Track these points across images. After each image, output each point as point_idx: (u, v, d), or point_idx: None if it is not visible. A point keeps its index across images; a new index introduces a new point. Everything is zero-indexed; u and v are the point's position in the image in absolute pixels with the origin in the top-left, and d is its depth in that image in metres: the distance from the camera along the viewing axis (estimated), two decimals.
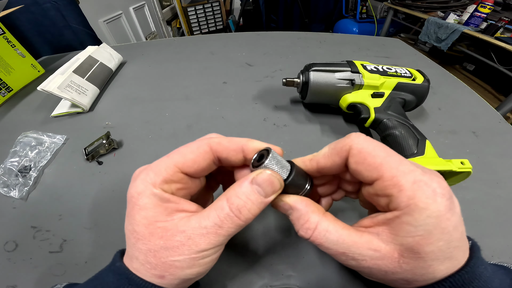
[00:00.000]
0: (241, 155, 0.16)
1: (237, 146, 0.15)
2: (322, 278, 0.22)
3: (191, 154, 0.15)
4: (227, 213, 0.14)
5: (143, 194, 0.14)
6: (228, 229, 0.14)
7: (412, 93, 0.33)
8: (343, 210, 0.26)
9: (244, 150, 0.15)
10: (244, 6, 1.94)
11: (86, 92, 0.41)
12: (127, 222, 0.15)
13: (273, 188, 0.14)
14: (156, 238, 0.14)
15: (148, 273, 0.14)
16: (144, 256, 0.14)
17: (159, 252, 0.13)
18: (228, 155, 0.15)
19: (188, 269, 0.14)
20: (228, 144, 0.15)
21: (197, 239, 0.13)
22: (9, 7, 0.48)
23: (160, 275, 0.14)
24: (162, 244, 0.13)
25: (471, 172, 0.23)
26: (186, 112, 0.40)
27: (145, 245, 0.14)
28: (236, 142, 0.16)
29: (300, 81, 0.35)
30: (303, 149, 0.33)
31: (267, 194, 0.14)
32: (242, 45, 0.60)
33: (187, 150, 0.15)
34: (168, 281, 0.14)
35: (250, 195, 0.14)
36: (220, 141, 0.15)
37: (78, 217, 0.26)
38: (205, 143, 0.15)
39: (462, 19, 1.33)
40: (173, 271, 0.14)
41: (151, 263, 0.14)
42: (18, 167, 0.30)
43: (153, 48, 0.61)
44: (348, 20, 2.13)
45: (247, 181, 0.14)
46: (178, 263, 0.13)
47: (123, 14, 1.62)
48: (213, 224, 0.14)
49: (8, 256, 0.24)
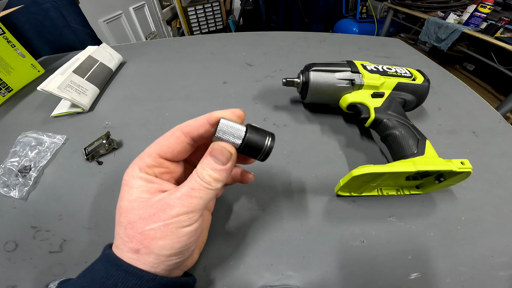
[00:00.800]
0: (208, 127, 0.17)
1: (202, 121, 0.17)
2: (322, 278, 0.22)
3: (166, 141, 0.17)
4: (196, 181, 0.16)
5: (132, 176, 0.16)
6: (199, 191, 0.16)
7: (412, 93, 0.33)
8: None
9: (209, 122, 0.17)
10: (244, 6, 1.94)
11: (86, 92, 0.41)
12: (117, 204, 0.16)
13: (224, 155, 0.16)
14: (136, 209, 0.15)
15: (126, 247, 0.15)
16: (124, 229, 0.15)
17: (136, 222, 0.15)
18: (198, 132, 0.17)
19: (162, 240, 0.15)
20: (195, 123, 0.17)
21: (172, 202, 0.15)
22: (9, 7, 0.48)
23: (135, 248, 0.15)
24: (140, 214, 0.15)
25: (471, 172, 0.23)
26: (186, 112, 0.40)
27: (125, 218, 0.15)
28: (200, 118, 0.17)
29: (300, 81, 0.35)
30: (303, 149, 0.33)
31: (223, 162, 0.16)
32: (242, 45, 0.60)
33: (162, 138, 0.18)
34: (143, 256, 0.14)
35: (209, 164, 0.16)
36: (188, 123, 0.18)
37: (78, 217, 0.26)
38: (176, 129, 0.18)
39: (462, 19, 1.33)
40: (147, 242, 0.14)
41: (128, 235, 0.15)
42: (18, 167, 0.30)
43: (153, 48, 0.61)
44: (348, 20, 2.13)
45: (207, 153, 0.17)
46: (152, 231, 0.14)
47: (123, 14, 1.62)
48: (187, 189, 0.15)
49: (8, 256, 0.24)
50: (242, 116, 0.18)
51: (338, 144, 0.34)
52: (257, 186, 0.29)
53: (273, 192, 0.28)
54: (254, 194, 0.28)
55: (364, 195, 0.27)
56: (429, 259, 0.20)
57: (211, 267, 0.22)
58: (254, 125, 0.17)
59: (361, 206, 0.27)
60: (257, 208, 0.27)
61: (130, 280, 0.14)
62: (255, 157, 0.18)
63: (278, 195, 0.28)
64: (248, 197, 0.28)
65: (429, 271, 0.22)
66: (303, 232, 0.25)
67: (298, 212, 0.26)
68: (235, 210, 0.27)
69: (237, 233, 0.25)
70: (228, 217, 0.26)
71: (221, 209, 0.26)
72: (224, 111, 0.17)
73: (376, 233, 0.25)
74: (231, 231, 0.25)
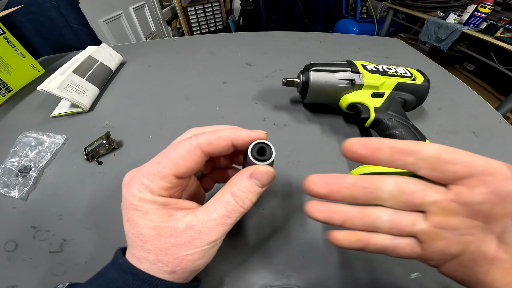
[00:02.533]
0: (231, 148, 0.17)
1: (227, 142, 0.16)
2: (322, 278, 0.22)
3: (184, 161, 0.15)
4: (234, 205, 0.15)
5: (144, 201, 0.14)
6: (235, 218, 0.15)
7: (412, 93, 0.33)
8: None
9: (234, 143, 0.17)
10: (244, 6, 1.94)
11: (86, 92, 0.41)
12: (128, 227, 0.15)
13: (269, 179, 0.16)
14: (165, 237, 0.14)
15: (160, 270, 0.14)
16: (155, 256, 0.14)
17: (170, 249, 0.14)
18: (220, 152, 0.16)
19: (199, 260, 0.15)
20: (218, 143, 0.16)
21: (208, 231, 0.15)
22: (9, 7, 0.48)
23: (171, 271, 0.14)
24: (173, 242, 0.14)
25: None
26: (186, 112, 0.40)
27: (154, 246, 0.14)
28: (224, 137, 0.16)
29: (300, 81, 0.35)
30: (303, 149, 0.33)
31: (263, 185, 0.16)
32: (242, 45, 0.60)
33: (178, 156, 0.15)
34: (178, 275, 0.15)
35: (251, 188, 0.16)
36: (209, 140, 0.16)
37: (78, 217, 0.26)
38: (195, 146, 0.15)
39: (462, 19, 1.33)
40: (185, 265, 0.15)
41: (163, 261, 0.14)
42: (18, 167, 0.30)
43: (153, 48, 0.61)
44: (348, 20, 2.13)
45: (247, 176, 0.16)
46: (190, 256, 0.14)
47: (123, 14, 1.62)
48: (221, 216, 0.15)
49: (8, 256, 0.24)
50: (266, 138, 0.18)
51: (338, 144, 0.34)
52: None
53: (273, 192, 0.28)
54: None
55: None
56: None
57: (211, 267, 0.22)
58: (264, 142, 0.17)
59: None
60: (257, 208, 0.27)
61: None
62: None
63: (278, 195, 0.28)
64: None
65: (429, 271, 0.22)
66: (303, 232, 0.25)
67: (298, 212, 0.26)
68: None
69: (237, 233, 0.25)
70: None
71: None
72: (248, 132, 0.17)
73: None
74: (231, 231, 0.25)
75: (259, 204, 0.27)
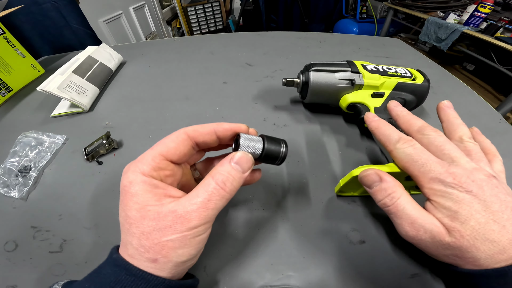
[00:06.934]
0: (214, 136, 0.19)
1: (210, 129, 0.18)
2: (322, 278, 0.22)
3: (172, 143, 0.17)
4: (214, 187, 0.16)
5: (134, 182, 0.15)
6: (216, 201, 0.16)
7: (412, 93, 0.33)
8: None
9: (216, 132, 0.18)
10: (244, 6, 1.94)
11: (86, 92, 0.41)
12: (120, 210, 0.16)
13: (248, 164, 0.17)
14: (148, 220, 0.15)
15: (142, 257, 0.14)
16: (138, 240, 0.15)
17: (151, 233, 0.14)
18: (204, 139, 0.18)
19: (180, 249, 0.15)
20: (202, 130, 0.18)
21: (188, 215, 0.15)
22: (9, 7, 0.48)
23: (153, 258, 0.14)
24: (154, 225, 0.14)
25: None
26: (186, 112, 0.40)
27: (138, 229, 0.15)
28: (208, 126, 0.18)
29: (300, 81, 0.35)
30: (303, 149, 0.33)
31: (244, 170, 0.17)
32: (242, 45, 0.60)
33: (168, 140, 0.17)
34: (161, 264, 0.15)
35: (231, 171, 0.17)
36: (194, 128, 0.18)
37: (78, 217, 0.26)
38: (182, 131, 0.18)
39: (462, 19, 1.33)
40: (166, 252, 0.14)
41: (144, 246, 0.14)
42: (18, 167, 0.30)
43: (153, 48, 0.61)
44: (348, 20, 2.13)
45: (227, 161, 0.17)
46: (170, 242, 0.14)
47: (123, 14, 1.63)
48: (202, 199, 0.15)
49: (8, 256, 0.24)
50: (254, 133, 0.20)
51: (338, 144, 0.34)
52: (257, 186, 0.29)
53: (273, 192, 0.28)
54: (254, 194, 0.28)
55: (365, 195, 0.27)
56: (429, 259, 0.20)
57: (211, 267, 0.22)
58: (268, 136, 0.19)
59: (361, 206, 0.27)
60: (257, 208, 0.27)
61: (139, 284, 0.14)
62: (272, 163, 0.20)
63: (278, 195, 0.28)
64: (248, 197, 0.28)
65: (429, 271, 0.22)
66: (303, 232, 0.25)
67: (298, 212, 0.26)
68: (235, 210, 0.27)
69: (237, 233, 0.25)
70: (228, 217, 0.26)
71: (221, 209, 0.26)
72: (230, 124, 0.19)
73: (376, 233, 0.25)
74: (231, 231, 0.25)
75: (259, 204, 0.27)
